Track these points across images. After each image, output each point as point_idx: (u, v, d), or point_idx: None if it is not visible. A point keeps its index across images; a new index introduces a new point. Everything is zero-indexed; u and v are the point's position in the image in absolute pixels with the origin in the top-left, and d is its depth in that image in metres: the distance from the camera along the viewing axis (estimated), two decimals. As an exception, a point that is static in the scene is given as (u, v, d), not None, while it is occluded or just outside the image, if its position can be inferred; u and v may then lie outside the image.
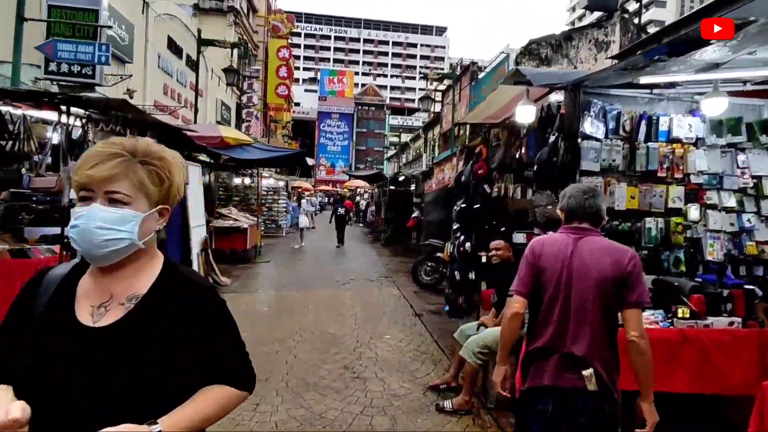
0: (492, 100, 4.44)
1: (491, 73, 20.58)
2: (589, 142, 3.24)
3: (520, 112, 3.57)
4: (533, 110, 3.54)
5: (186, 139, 6.80)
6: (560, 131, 3.35)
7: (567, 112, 3.41)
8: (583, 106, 3.28)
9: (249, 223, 10.87)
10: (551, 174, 3.29)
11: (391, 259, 12.41)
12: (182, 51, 19.06)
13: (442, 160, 8.50)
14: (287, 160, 10.65)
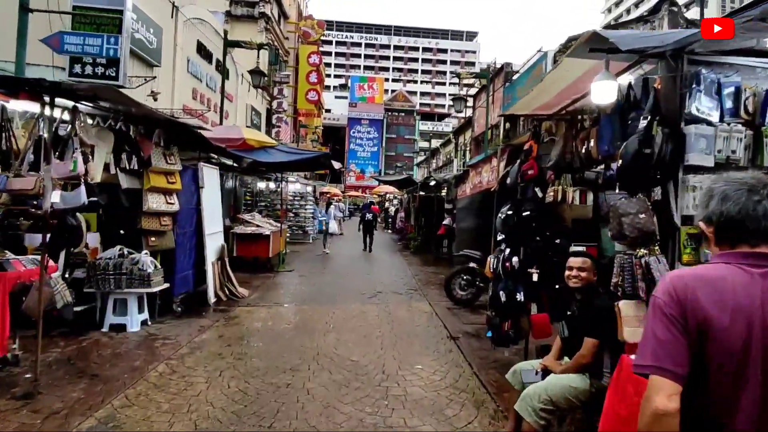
0: (550, 84, 3.61)
1: (527, 73, 19.50)
2: (698, 126, 2.37)
3: (597, 90, 2.73)
4: (614, 87, 2.69)
5: (197, 137, 6.24)
6: (654, 114, 2.49)
7: (664, 88, 2.55)
8: (689, 79, 2.41)
9: (272, 229, 10.31)
10: (643, 171, 2.43)
11: (421, 270, 11.58)
12: (212, 56, 18.95)
13: (479, 162, 7.66)
14: (312, 162, 10.06)
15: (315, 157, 9.53)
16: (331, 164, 10.59)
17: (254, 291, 8.11)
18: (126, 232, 5.67)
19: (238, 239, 9.97)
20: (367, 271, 11.16)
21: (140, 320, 5.55)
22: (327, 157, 9.56)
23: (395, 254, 15.10)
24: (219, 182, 7.86)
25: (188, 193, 6.53)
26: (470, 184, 8.44)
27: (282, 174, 14.26)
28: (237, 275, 9.00)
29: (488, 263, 4.72)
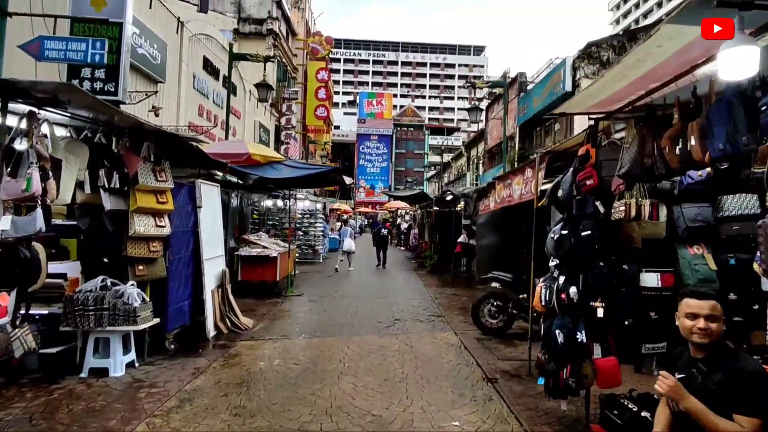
0: (625, 70, 2.81)
1: (543, 82, 18.80)
2: None
3: (728, 60, 1.93)
4: (755, 55, 1.88)
5: (194, 151, 5.55)
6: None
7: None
8: None
9: (280, 250, 9.56)
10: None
11: (440, 292, 10.71)
12: (219, 72, 18.57)
13: (509, 174, 6.85)
14: (322, 178, 9.35)
15: (325, 172, 8.83)
16: (342, 179, 9.89)
17: (259, 320, 7.31)
18: (110, 260, 4.94)
19: (242, 262, 9.23)
20: (383, 293, 10.31)
21: (125, 362, 4.78)
22: (337, 172, 8.86)
23: (410, 273, 14.23)
24: (220, 201, 7.15)
25: (183, 214, 5.82)
26: (496, 198, 7.63)
27: (290, 191, 13.61)
28: (241, 302, 8.24)
29: (537, 294, 3.88)
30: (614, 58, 16.05)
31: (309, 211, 16.61)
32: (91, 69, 9.21)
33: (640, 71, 2.80)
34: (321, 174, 8.93)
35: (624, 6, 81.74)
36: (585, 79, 15.84)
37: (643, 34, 13.26)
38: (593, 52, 15.72)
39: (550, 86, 17.59)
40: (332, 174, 9.13)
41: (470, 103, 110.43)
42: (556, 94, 16.98)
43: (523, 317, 6.57)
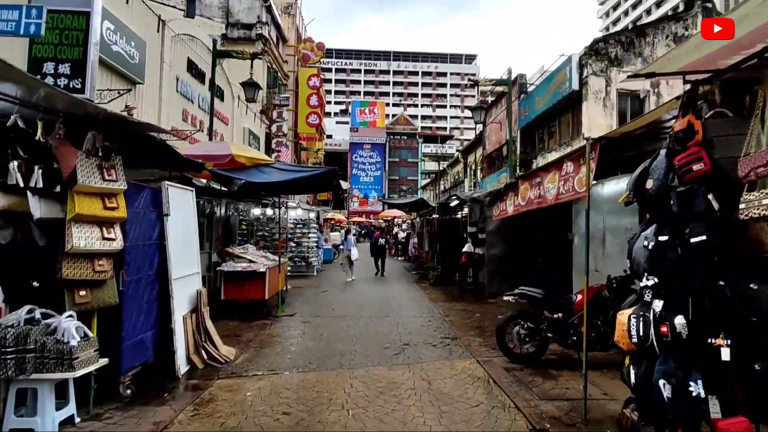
0: None
1: (547, 82, 17.95)
2: None
3: None
4: None
5: (159, 146, 4.45)
6: None
7: None
8: None
9: (269, 264, 8.42)
10: None
11: (449, 307, 9.60)
12: (204, 75, 17.47)
13: (538, 171, 5.81)
14: (315, 182, 8.27)
15: (319, 175, 7.74)
16: (338, 183, 8.82)
17: (244, 349, 6.15)
18: (42, 283, 3.80)
19: (226, 279, 8.08)
20: (386, 310, 9.18)
21: (60, 419, 3.62)
22: (333, 175, 7.78)
23: (413, 287, 13.11)
24: (194, 208, 6.02)
25: (145, 224, 4.69)
26: (519, 201, 6.59)
27: (280, 198, 12.49)
28: (224, 325, 7.08)
29: (622, 325, 2.79)
30: (622, 54, 15.30)
31: (302, 220, 15.47)
32: (55, 63, 8.25)
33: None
34: (314, 177, 7.84)
35: (613, 14, 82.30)
36: (593, 77, 15.01)
37: (652, 29, 12.30)
38: (600, 48, 14.91)
39: (555, 86, 16.73)
40: (327, 177, 8.05)
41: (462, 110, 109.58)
42: (562, 94, 16.13)
43: (560, 341, 5.50)
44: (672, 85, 15.29)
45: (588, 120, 14.85)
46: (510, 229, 10.58)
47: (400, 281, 14.40)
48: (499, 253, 10.67)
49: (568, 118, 16.57)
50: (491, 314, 8.85)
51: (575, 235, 8.48)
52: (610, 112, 14.86)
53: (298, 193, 12.40)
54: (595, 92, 14.83)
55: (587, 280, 4.28)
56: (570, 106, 16.28)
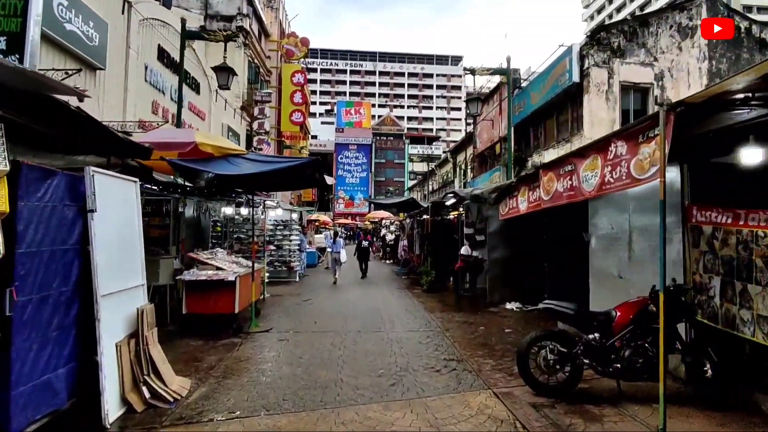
0: None
1: (544, 76, 17.01)
2: None
3: None
4: None
5: (82, 120, 3.23)
6: None
7: None
8: None
9: (240, 272, 7.18)
10: None
11: (448, 318, 8.48)
12: (177, 66, 16.07)
13: (569, 157, 4.71)
14: (296, 175, 7.06)
15: (298, 167, 6.53)
16: (322, 177, 7.62)
17: (202, 380, 4.91)
18: None
19: (188, 289, 6.81)
20: (376, 323, 8.01)
21: None
22: (315, 167, 6.56)
23: (404, 293, 11.95)
24: (138, 203, 4.77)
25: (54, 222, 3.45)
26: (540, 195, 5.51)
27: (257, 196, 11.23)
28: (184, 347, 5.87)
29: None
30: (625, 44, 14.46)
31: (282, 221, 14.20)
32: (-12, 36, 6.92)
33: None
34: (294, 169, 6.63)
35: (597, 17, 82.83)
36: (595, 68, 14.11)
37: (656, 18, 11.39)
38: (603, 38, 14.03)
39: (553, 78, 15.81)
40: (308, 169, 6.86)
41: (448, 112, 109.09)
42: (561, 87, 15.20)
43: (599, 368, 4.41)
44: (677, 78, 14.51)
45: (590, 114, 13.95)
46: (512, 230, 9.54)
47: (390, 287, 13.24)
48: (501, 256, 9.62)
49: (567, 113, 15.66)
50: (496, 327, 7.77)
51: (592, 237, 7.43)
52: (613, 106, 13.99)
53: (278, 189, 11.17)
54: (597, 84, 13.94)
55: (662, 293, 3.18)
56: (569, 100, 15.37)
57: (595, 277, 7.42)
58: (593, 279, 7.47)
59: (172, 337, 6.75)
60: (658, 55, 14.43)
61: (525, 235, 9.56)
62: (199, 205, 10.80)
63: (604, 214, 7.13)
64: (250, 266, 7.80)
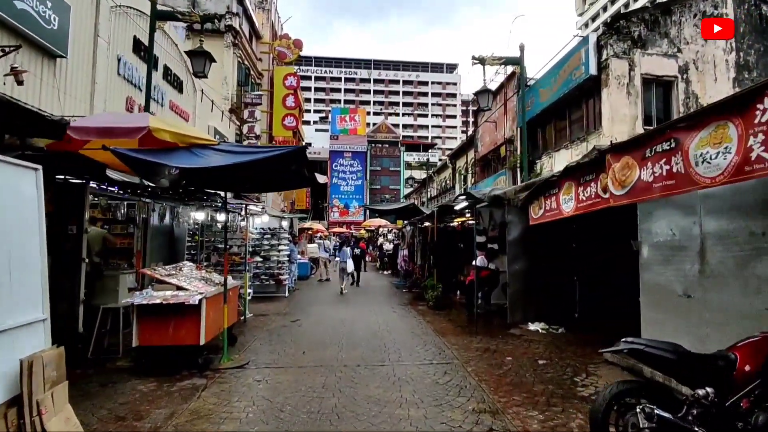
0: None
1: (555, 70, 15.73)
2: None
3: None
4: None
5: None
6: None
7: None
8: None
9: (207, 292, 5.70)
10: None
11: (465, 345, 7.01)
12: (157, 60, 14.68)
13: (666, 130, 3.29)
14: (277, 168, 5.62)
15: (279, 157, 5.05)
16: (312, 175, 6.19)
17: (135, 456, 3.42)
18: None
19: (140, 315, 5.32)
20: (379, 353, 6.53)
21: None
22: (299, 157, 5.09)
23: (408, 311, 10.48)
24: (37, 200, 3.29)
25: None
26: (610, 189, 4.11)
27: (240, 201, 9.78)
28: (129, 391, 4.39)
29: None
30: (646, 34, 13.24)
31: (270, 229, 12.71)
32: None
33: None
34: (273, 162, 5.19)
35: (592, 24, 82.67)
36: (615, 60, 12.85)
37: (678, 6, 10.10)
38: (622, 26, 12.81)
39: (566, 73, 14.56)
40: (293, 163, 5.42)
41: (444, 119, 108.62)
42: (575, 81, 13.93)
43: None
44: (702, 71, 13.29)
45: (609, 110, 12.65)
46: (534, 238, 8.15)
47: (391, 302, 11.75)
48: (523, 268, 8.20)
49: (582, 110, 14.37)
50: (526, 356, 6.32)
51: (644, 245, 6.04)
52: (635, 101, 12.71)
53: (262, 189, 9.69)
54: (618, 77, 12.67)
55: None
56: (584, 95, 14.11)
57: (648, 296, 6.01)
58: (646, 298, 6.06)
59: (119, 377, 5.26)
60: (682, 45, 13.21)
61: (548, 244, 8.17)
62: (172, 210, 9.32)
63: (662, 217, 5.73)
64: (231, 283, 6.31)
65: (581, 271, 8.08)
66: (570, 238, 8.21)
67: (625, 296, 7.40)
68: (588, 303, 8.09)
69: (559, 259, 8.19)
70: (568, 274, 8.21)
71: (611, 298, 7.71)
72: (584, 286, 8.09)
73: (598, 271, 7.86)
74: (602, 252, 7.62)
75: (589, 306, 8.09)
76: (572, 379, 5.33)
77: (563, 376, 5.47)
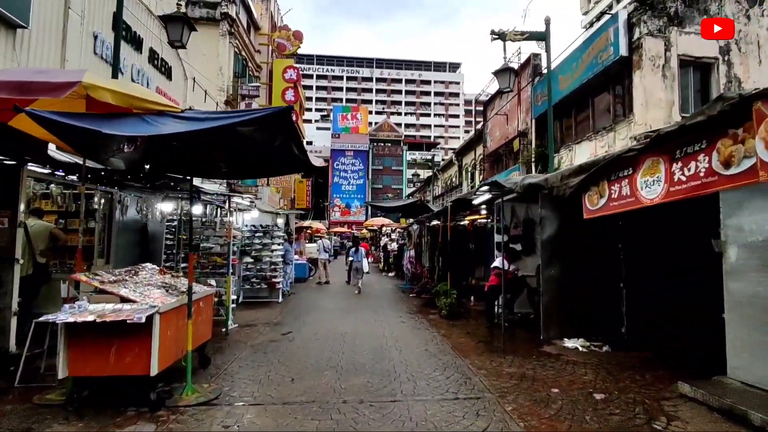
0: None
1: (578, 54, 14.23)
2: None
3: None
4: None
5: None
6: None
7: None
8: None
9: (164, 305, 4.33)
10: None
11: (494, 370, 5.63)
12: (141, 41, 13.39)
13: None
14: (257, 144, 4.25)
15: (253, 122, 3.57)
16: (304, 156, 4.83)
17: None
18: None
19: (70, 337, 3.96)
20: (387, 380, 5.16)
21: None
22: (281, 121, 3.65)
23: (418, 321, 9.10)
24: None
25: None
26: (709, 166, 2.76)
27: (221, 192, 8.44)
28: None
29: None
30: (683, 10, 11.87)
31: (262, 227, 11.35)
32: None
33: None
34: (248, 126, 3.79)
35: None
36: (649, 38, 11.45)
37: None
38: (657, 1, 11.45)
39: (590, 56, 13.17)
40: (278, 136, 4.04)
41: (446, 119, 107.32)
42: (602, 64, 12.53)
43: None
44: (746, 52, 11.89)
45: (643, 94, 11.26)
46: (572, 237, 6.78)
47: (397, 310, 10.37)
48: (559, 274, 6.81)
49: (609, 96, 13.00)
50: (576, 387, 4.93)
51: (730, 246, 4.65)
52: (671, 85, 11.33)
53: (241, 174, 8.27)
54: (652, 58, 11.28)
55: None
56: (611, 80, 12.73)
57: (737, 311, 4.63)
58: (734, 314, 4.67)
59: (42, 416, 3.91)
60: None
61: (589, 244, 6.78)
62: (146, 203, 7.96)
63: (757, 210, 4.36)
64: (200, 290, 4.94)
65: (630, 277, 6.70)
66: (615, 237, 6.82)
67: (688, 307, 6.01)
68: (638, 315, 6.70)
69: (602, 263, 6.81)
70: (613, 281, 6.83)
71: (668, 310, 6.32)
72: (634, 295, 6.70)
73: (653, 277, 6.47)
74: (660, 254, 6.23)
75: (639, 319, 6.71)
76: (650, 425, 3.95)
77: (635, 419, 4.09)
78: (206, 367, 5.43)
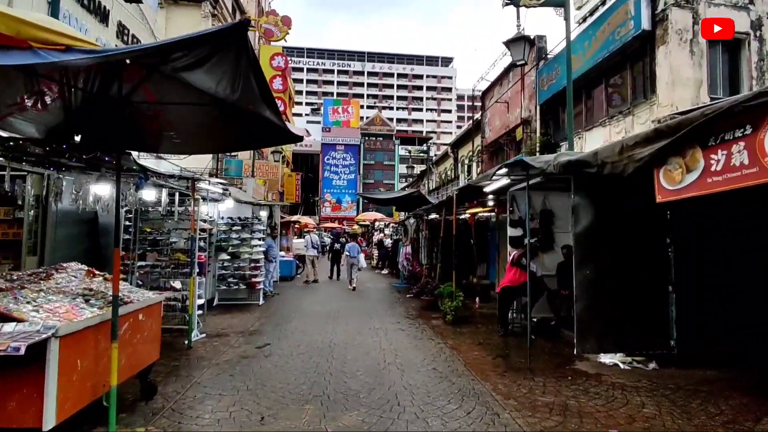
0: None
1: (593, 28, 13.02)
2: None
3: None
4: None
5: None
6: None
7: None
8: None
9: (71, 324, 3.00)
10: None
11: (523, 397, 4.39)
12: (107, 12, 11.82)
13: None
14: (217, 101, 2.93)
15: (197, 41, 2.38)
16: (280, 120, 3.54)
17: None
18: None
19: None
20: (387, 419, 3.90)
21: None
22: (238, 35, 2.41)
23: (420, 328, 7.83)
24: None
25: None
26: None
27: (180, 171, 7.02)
28: None
29: None
30: (714, -21, 10.70)
31: (240, 220, 9.98)
32: None
33: None
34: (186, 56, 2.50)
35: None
36: (675, 10, 10.25)
37: None
38: (684, -32, 10.30)
39: (606, 33, 11.95)
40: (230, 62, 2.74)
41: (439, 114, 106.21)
42: (620, 41, 11.30)
43: None
44: (779, 26, 10.75)
45: (669, 71, 10.07)
46: (610, 230, 5.57)
47: (395, 314, 9.09)
48: (595, 275, 5.58)
49: (627, 76, 11.81)
50: (638, 425, 3.69)
51: None
52: (699, 62, 10.14)
53: (198, 148, 6.74)
54: (679, 31, 10.08)
55: None
56: (629, 58, 11.54)
57: None
58: None
59: None
60: (772, -5, 10.66)
61: (630, 239, 5.57)
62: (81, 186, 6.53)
63: None
64: (113, 303, 3.62)
65: (682, 279, 5.49)
66: (663, 231, 5.60)
67: (762, 316, 4.80)
68: (691, 324, 5.51)
69: (646, 262, 5.59)
70: (660, 283, 5.62)
71: (734, 319, 5.13)
72: (686, 300, 5.50)
73: (711, 279, 5.27)
74: (723, 251, 5.02)
75: (693, 330, 5.51)
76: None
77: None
78: (149, 400, 4.11)
